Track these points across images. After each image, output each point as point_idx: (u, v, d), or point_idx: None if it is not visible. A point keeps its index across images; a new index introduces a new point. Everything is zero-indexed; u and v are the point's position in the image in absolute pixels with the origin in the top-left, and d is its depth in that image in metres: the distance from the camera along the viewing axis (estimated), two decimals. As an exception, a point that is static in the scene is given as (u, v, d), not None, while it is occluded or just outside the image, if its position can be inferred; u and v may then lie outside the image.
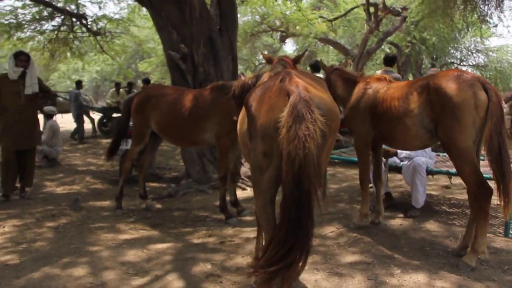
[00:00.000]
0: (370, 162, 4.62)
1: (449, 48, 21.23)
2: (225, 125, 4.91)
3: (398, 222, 4.81)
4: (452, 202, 5.63)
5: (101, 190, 6.99)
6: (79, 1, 12.57)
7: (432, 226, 4.64)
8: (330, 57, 22.36)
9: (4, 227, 4.96)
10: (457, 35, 20.63)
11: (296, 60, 4.20)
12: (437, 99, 3.55)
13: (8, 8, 12.32)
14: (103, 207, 5.88)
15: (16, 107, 5.96)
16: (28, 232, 4.79)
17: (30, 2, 11.60)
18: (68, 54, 14.45)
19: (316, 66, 8.26)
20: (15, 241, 4.47)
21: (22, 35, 12.88)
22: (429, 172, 4.98)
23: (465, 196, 5.75)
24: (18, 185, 6.34)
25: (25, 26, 12.47)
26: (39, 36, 13.33)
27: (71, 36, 13.22)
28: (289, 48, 24.95)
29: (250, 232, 4.57)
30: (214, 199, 6.12)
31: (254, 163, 2.64)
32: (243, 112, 2.89)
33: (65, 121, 14.98)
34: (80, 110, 12.55)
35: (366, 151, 4.48)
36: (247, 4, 14.29)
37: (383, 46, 19.83)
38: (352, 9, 15.12)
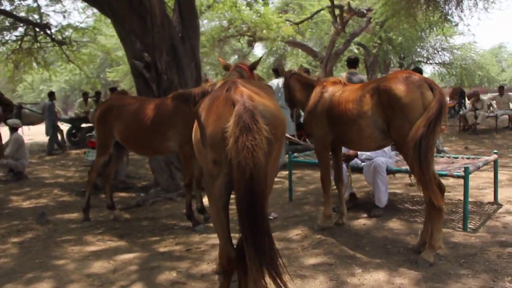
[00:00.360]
0: (330, 164, 4.73)
1: (416, 47, 21.80)
2: (187, 133, 4.91)
3: (361, 222, 4.93)
4: (415, 199, 5.78)
5: (69, 202, 6.92)
6: (42, 11, 12.44)
7: (394, 224, 4.78)
8: (299, 60, 22.62)
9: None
10: (423, 34, 21.17)
11: (253, 67, 4.25)
12: (387, 101, 3.69)
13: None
14: (71, 220, 5.83)
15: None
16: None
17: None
18: (34, 64, 14.22)
19: (277, 71, 8.40)
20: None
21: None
22: (390, 172, 5.13)
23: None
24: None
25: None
26: (2, 47, 13.11)
27: (35, 46, 13.02)
28: (259, 51, 25.08)
29: (217, 239, 4.61)
30: (182, 206, 6.09)
31: (206, 170, 2.70)
32: (196, 120, 2.96)
33: (33, 133, 14.70)
34: (55, 122, 12.40)
35: (325, 153, 4.59)
36: (214, 9, 14.36)
37: (350, 47, 20.21)
38: (317, 11, 15.38)
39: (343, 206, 4.82)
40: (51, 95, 13.28)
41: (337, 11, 15.20)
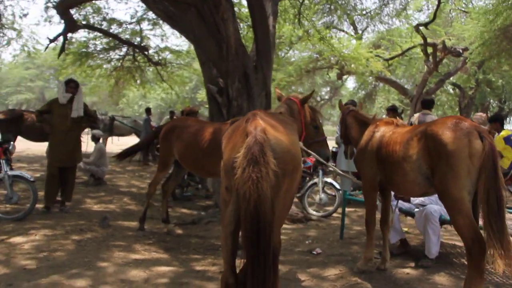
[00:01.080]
0: (376, 206, 4.56)
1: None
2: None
3: (406, 271, 4.64)
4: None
5: (133, 211, 7.37)
6: (144, 34, 13.60)
7: (441, 278, 4.43)
8: (391, 96, 22.04)
9: (36, 235, 5.44)
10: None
11: (304, 100, 4.30)
12: (433, 146, 3.52)
13: (83, 39, 13.55)
14: (129, 227, 6.21)
15: (63, 128, 6.58)
16: (53, 242, 5.21)
17: (100, 34, 12.71)
18: (133, 81, 15.52)
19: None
20: (39, 249, 4.89)
21: (92, 63, 14.05)
22: (443, 222, 4.78)
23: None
24: (59, 199, 6.88)
25: (95, 55, 13.65)
26: (107, 64, 14.50)
27: (134, 65, 14.24)
28: (351, 85, 24.88)
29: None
30: None
31: (221, 196, 2.79)
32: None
33: (122, 144, 15.92)
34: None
35: (373, 193, 4.45)
36: (303, 40, 14.62)
37: (445, 87, 19.30)
38: (409, 49, 14.95)
39: (387, 251, 4.59)
40: (148, 110, 14.60)
41: (430, 49, 14.66)
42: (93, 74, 14.91)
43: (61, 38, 10.51)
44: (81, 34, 13.69)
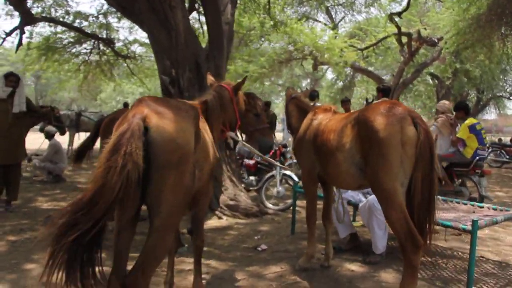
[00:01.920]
0: (316, 199, 4.31)
1: (497, 80, 20.09)
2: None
3: (352, 267, 4.41)
4: (435, 250, 5.12)
5: (85, 209, 7.05)
6: (111, 27, 13.23)
7: (387, 275, 4.20)
8: (370, 87, 21.87)
9: None
10: (507, 67, 19.54)
11: (237, 87, 4.04)
12: (364, 133, 3.26)
13: (48, 33, 13.14)
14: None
15: (4, 125, 6.22)
16: None
17: (64, 29, 12.33)
18: (104, 76, 15.14)
19: (313, 96, 8.12)
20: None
21: (59, 58, 13.64)
22: None
23: (450, 244, 5.28)
24: (4, 197, 6.55)
25: (61, 49, 13.25)
26: (75, 59, 14.10)
27: (102, 59, 13.87)
28: (331, 75, 24.64)
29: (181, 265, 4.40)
30: (184, 225, 6.03)
31: None
32: None
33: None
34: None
35: (312, 186, 4.20)
36: (276, 31, 14.36)
37: (423, 77, 19.16)
38: (383, 38, 14.75)
39: (330, 247, 4.36)
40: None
41: (404, 39, 14.47)
42: (61, 69, 14.52)
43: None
44: (46, 29, 13.30)
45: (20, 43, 10.25)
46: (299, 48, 14.85)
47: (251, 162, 7.83)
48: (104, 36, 13.18)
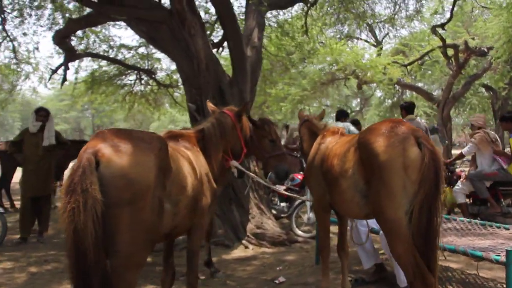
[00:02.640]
0: (329, 229, 4.00)
1: None
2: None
3: (374, 301, 4.04)
4: (468, 280, 4.60)
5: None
6: (154, 57, 13.61)
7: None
8: (420, 103, 20.97)
9: None
10: None
11: (239, 113, 3.89)
12: (366, 157, 2.97)
13: (95, 67, 13.74)
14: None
15: (35, 158, 6.44)
16: (6, 275, 4.99)
17: (105, 63, 12.85)
18: (149, 105, 15.55)
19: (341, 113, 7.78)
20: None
21: (106, 90, 14.19)
22: None
23: (495, 274, 4.73)
24: (37, 228, 6.74)
25: (106, 82, 13.78)
26: (121, 90, 14.61)
27: (146, 89, 14.27)
28: (379, 94, 23.89)
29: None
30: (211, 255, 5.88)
31: None
32: None
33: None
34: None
35: (324, 215, 3.89)
36: (316, 54, 14.21)
37: (476, 89, 18.11)
38: (427, 52, 14.12)
39: (345, 281, 4.01)
40: None
41: (451, 51, 13.77)
42: (108, 100, 15.08)
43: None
44: (91, 63, 13.87)
45: (64, 79, 10.75)
46: (341, 68, 14.54)
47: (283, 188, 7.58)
48: (146, 67, 13.56)
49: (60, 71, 11.02)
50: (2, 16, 9.90)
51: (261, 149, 4.60)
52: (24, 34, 11.71)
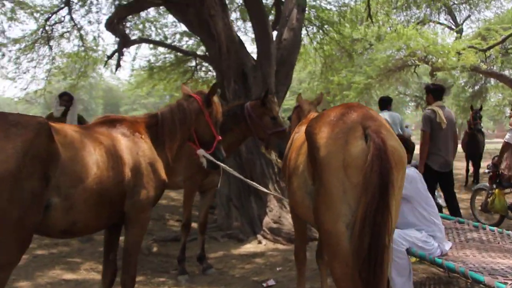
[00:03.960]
0: (306, 233, 3.49)
1: None
2: (190, 167, 4.49)
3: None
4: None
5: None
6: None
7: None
8: (507, 92, 18.79)
9: None
10: None
11: (207, 97, 3.49)
12: (309, 151, 2.44)
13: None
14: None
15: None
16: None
17: (163, 50, 13.02)
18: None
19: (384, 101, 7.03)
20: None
21: (165, 76, 14.41)
22: (415, 255, 3.42)
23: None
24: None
25: (167, 68, 13.99)
26: (182, 77, 14.76)
27: (207, 75, 14.28)
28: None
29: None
30: (219, 248, 5.62)
31: None
32: None
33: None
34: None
35: (296, 216, 3.36)
36: (382, 40, 13.22)
37: None
38: (509, 36, 12.40)
39: (326, 290, 3.47)
40: None
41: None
42: (172, 87, 15.33)
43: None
44: (148, 51, 14.20)
45: (118, 65, 11.03)
46: (410, 54, 13.36)
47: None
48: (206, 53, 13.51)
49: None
50: (69, 6, 10.38)
51: (262, 126, 4.50)
52: (89, 22, 12.29)
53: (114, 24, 9.83)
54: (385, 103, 7.02)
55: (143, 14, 11.45)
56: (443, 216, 4.51)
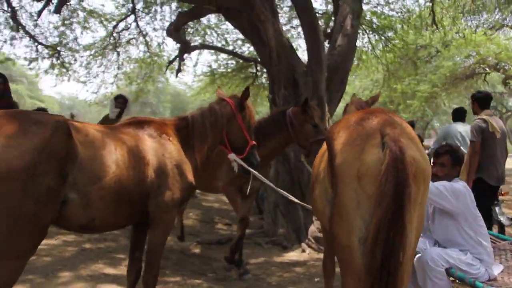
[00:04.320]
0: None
1: None
2: (230, 172, 4.52)
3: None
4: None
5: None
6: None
7: None
8: None
9: (56, 239, 5.57)
10: None
11: (241, 101, 3.49)
12: (328, 157, 2.33)
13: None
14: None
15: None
16: (60, 247, 5.29)
17: (225, 56, 13.25)
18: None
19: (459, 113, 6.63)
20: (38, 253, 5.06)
21: (227, 81, 14.66)
22: (454, 276, 3.15)
23: None
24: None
25: (229, 74, 14.23)
26: (244, 83, 14.95)
27: (268, 81, 14.32)
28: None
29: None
30: (262, 254, 5.58)
31: None
32: None
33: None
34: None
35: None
36: (449, 47, 12.55)
37: None
38: None
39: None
40: None
41: None
42: (235, 93, 15.54)
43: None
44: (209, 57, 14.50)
45: (179, 70, 11.39)
46: (478, 61, 12.59)
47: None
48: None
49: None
50: (135, 14, 10.90)
51: (304, 134, 4.45)
52: (154, 29, 12.79)
53: (174, 31, 10.16)
54: (458, 115, 6.60)
55: (204, 20, 11.75)
56: (498, 235, 4.15)
